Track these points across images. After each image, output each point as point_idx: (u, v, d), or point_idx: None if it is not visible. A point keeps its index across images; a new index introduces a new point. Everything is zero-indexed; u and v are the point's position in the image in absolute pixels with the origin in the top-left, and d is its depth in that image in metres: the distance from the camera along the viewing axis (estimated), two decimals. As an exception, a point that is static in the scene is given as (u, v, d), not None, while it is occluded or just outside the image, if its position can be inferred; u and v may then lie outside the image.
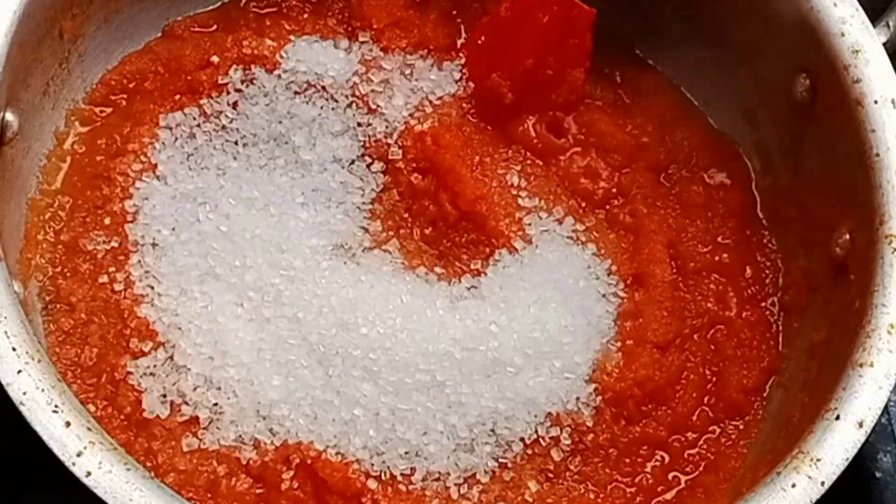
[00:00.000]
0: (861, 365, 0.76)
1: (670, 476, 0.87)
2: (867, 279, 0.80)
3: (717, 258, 0.96)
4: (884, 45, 0.87)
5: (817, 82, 0.89)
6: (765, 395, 0.90)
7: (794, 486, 0.72)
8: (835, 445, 0.74)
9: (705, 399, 0.90)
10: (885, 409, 0.92)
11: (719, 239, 0.97)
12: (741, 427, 0.89)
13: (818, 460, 0.73)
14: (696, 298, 0.94)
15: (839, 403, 0.75)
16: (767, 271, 0.95)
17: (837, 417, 0.75)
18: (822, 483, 0.72)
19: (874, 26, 0.88)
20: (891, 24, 0.89)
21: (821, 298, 0.88)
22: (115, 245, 0.89)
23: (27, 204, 0.88)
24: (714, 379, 0.91)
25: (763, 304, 0.94)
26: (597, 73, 1.00)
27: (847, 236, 0.85)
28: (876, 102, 0.85)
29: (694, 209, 0.98)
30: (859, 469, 0.94)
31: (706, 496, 0.85)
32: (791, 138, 0.94)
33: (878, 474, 0.96)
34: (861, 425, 0.74)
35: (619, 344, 0.90)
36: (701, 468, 0.88)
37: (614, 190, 0.98)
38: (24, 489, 0.86)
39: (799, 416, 0.83)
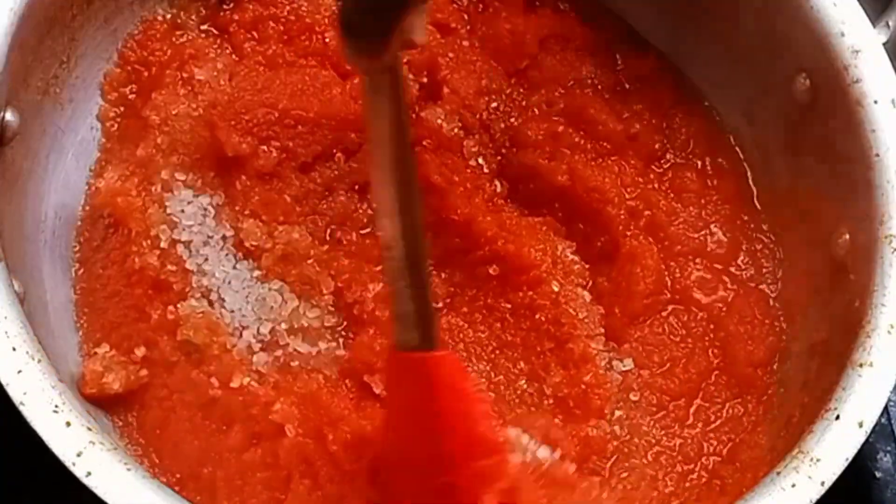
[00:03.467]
0: (861, 365, 0.76)
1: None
2: (867, 279, 0.80)
3: (708, 244, 0.97)
4: (884, 45, 0.87)
5: (817, 82, 0.89)
6: (774, 368, 0.91)
7: (793, 486, 0.72)
8: (835, 445, 0.74)
9: (714, 367, 0.92)
10: (885, 409, 0.93)
11: (712, 226, 0.97)
12: (760, 411, 0.90)
13: (818, 460, 0.73)
14: (678, 277, 0.95)
15: (839, 403, 0.75)
16: (764, 259, 0.96)
17: (837, 417, 0.75)
18: (822, 483, 0.72)
19: (874, 26, 0.88)
20: (891, 23, 0.89)
21: (821, 298, 0.88)
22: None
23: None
24: (721, 354, 0.92)
25: (761, 287, 0.95)
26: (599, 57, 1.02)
27: (847, 236, 0.85)
28: (876, 102, 0.85)
29: (686, 195, 0.98)
30: (859, 469, 0.94)
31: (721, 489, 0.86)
32: (791, 138, 0.94)
33: (878, 474, 0.96)
34: (861, 425, 0.74)
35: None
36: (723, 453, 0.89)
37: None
38: (24, 489, 0.86)
39: (799, 416, 0.83)
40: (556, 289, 0.92)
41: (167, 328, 0.87)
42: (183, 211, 0.92)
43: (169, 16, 1.00)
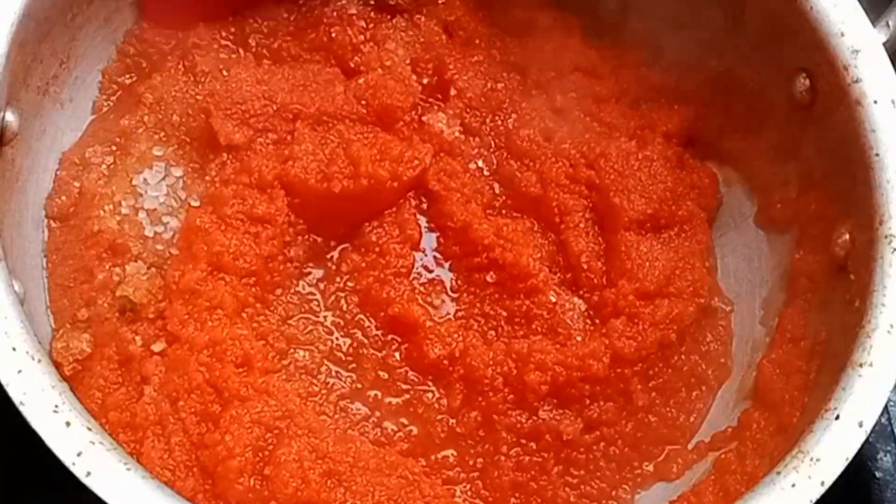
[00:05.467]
0: (861, 365, 0.76)
1: None
2: (867, 279, 0.80)
3: None
4: (883, 45, 0.87)
5: (817, 82, 0.89)
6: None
7: (793, 485, 0.72)
8: (835, 445, 0.74)
9: None
10: (885, 409, 0.93)
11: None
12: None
13: (818, 460, 0.73)
14: None
15: (839, 403, 0.75)
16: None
17: (837, 417, 0.75)
18: (822, 483, 0.72)
19: (874, 26, 0.88)
20: (890, 24, 0.89)
21: (821, 298, 0.88)
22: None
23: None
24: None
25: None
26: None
27: (847, 236, 0.85)
28: (876, 102, 0.85)
29: None
30: (859, 469, 0.94)
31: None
32: (791, 139, 0.94)
33: (878, 474, 0.96)
34: (861, 425, 0.74)
35: None
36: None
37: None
38: (24, 489, 0.86)
39: (799, 416, 0.83)
40: (553, 299, 0.92)
41: (109, 287, 0.87)
42: (149, 182, 0.92)
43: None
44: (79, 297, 0.87)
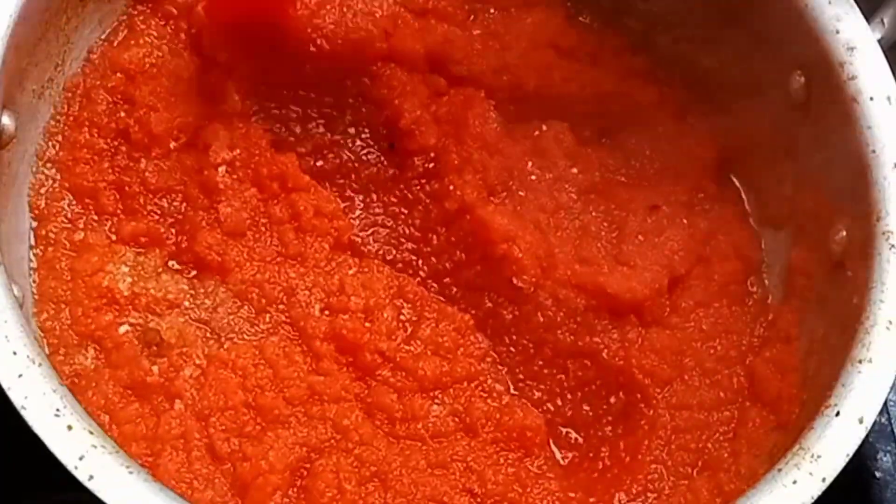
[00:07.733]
0: (860, 361, 0.77)
1: None
2: (865, 275, 0.81)
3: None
4: (879, 41, 0.87)
5: (813, 80, 0.90)
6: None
7: (795, 482, 0.72)
8: (835, 442, 0.74)
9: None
10: (885, 409, 0.93)
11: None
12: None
13: (819, 457, 0.73)
14: None
15: (839, 400, 0.76)
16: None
17: (837, 414, 0.75)
18: (823, 479, 0.73)
19: (869, 23, 0.88)
20: (885, 20, 0.89)
21: (818, 295, 0.88)
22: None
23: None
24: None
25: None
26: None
27: (844, 233, 0.86)
28: (871, 99, 0.85)
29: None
30: (859, 469, 0.94)
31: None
32: (787, 136, 0.94)
33: (878, 474, 0.96)
34: (861, 421, 0.75)
35: None
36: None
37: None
38: (24, 489, 0.86)
39: (798, 412, 0.83)
40: None
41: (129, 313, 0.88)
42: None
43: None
44: (87, 312, 0.87)
